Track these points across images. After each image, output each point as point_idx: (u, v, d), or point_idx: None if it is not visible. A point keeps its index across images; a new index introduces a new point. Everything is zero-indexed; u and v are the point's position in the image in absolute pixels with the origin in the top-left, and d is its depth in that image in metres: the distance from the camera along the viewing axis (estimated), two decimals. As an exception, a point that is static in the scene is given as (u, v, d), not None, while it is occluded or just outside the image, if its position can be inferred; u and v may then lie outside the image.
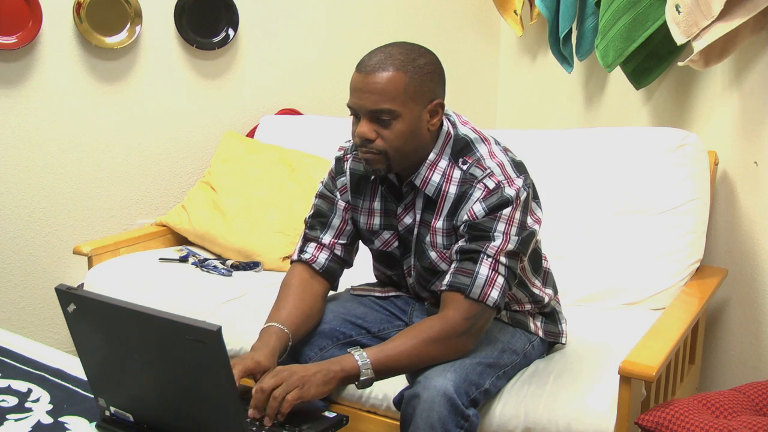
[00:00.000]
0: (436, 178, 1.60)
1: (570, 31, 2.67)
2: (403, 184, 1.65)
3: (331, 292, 1.80)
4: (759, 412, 1.59)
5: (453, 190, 1.59)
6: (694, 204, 2.11)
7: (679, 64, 2.10)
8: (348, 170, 1.73)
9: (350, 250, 1.77)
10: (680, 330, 1.76)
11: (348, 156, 1.74)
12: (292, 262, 1.77)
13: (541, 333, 1.77)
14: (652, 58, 2.40)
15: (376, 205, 1.70)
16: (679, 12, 1.99)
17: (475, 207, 1.54)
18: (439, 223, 1.61)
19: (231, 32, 2.83)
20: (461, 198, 1.58)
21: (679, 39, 2.02)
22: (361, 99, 1.52)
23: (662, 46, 2.34)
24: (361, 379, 1.47)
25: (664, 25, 2.11)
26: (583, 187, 2.24)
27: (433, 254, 1.64)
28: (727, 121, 2.25)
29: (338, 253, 1.74)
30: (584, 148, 2.29)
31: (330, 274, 1.74)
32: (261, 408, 1.39)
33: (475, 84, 3.26)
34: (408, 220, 1.67)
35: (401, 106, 1.50)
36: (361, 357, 1.47)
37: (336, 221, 1.74)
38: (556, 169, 2.28)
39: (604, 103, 2.81)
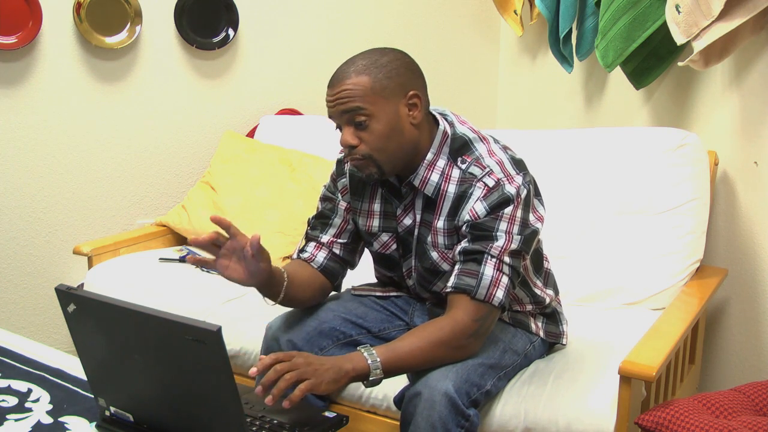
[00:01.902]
0: (434, 177, 1.60)
1: (570, 31, 2.67)
2: (403, 184, 1.65)
3: (333, 293, 1.80)
4: (759, 412, 1.59)
5: (452, 189, 1.59)
6: (694, 204, 2.11)
7: (679, 64, 2.10)
8: (348, 172, 1.74)
9: (352, 250, 1.77)
10: (680, 330, 1.76)
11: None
12: (291, 261, 1.77)
13: (542, 333, 1.77)
14: (652, 58, 2.40)
15: (376, 207, 1.70)
16: (679, 12, 1.99)
17: (477, 206, 1.54)
18: (440, 223, 1.61)
19: (231, 32, 2.83)
20: (461, 197, 1.58)
21: (679, 39, 2.02)
22: (333, 106, 1.54)
23: (662, 46, 2.34)
24: (371, 378, 1.47)
25: (664, 25, 2.11)
26: (583, 187, 2.24)
27: (434, 255, 1.64)
28: (727, 121, 2.25)
29: (337, 252, 1.74)
30: (584, 148, 2.29)
31: (329, 273, 1.74)
32: (270, 387, 1.38)
33: (475, 84, 3.26)
34: (408, 221, 1.66)
35: (371, 105, 1.51)
36: (371, 356, 1.47)
37: (337, 221, 1.75)
38: (556, 169, 2.28)
39: (604, 103, 2.81)
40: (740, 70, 2.19)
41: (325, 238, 1.74)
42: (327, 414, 1.45)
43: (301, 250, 1.75)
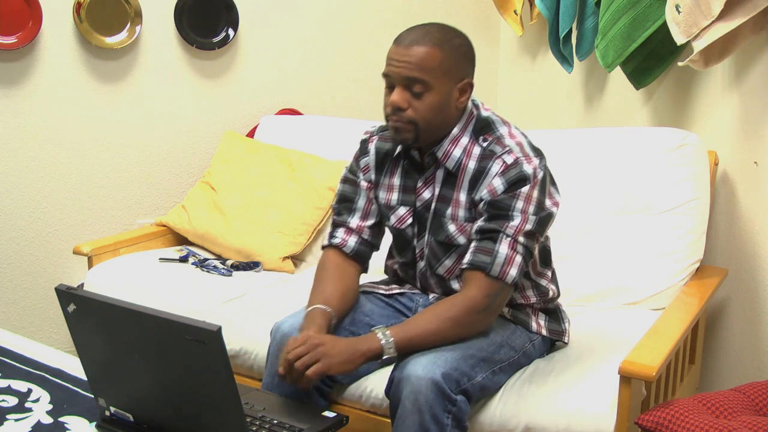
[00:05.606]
0: (457, 152, 1.65)
1: (570, 31, 2.67)
2: (425, 155, 1.69)
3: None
4: (759, 412, 1.59)
5: (472, 165, 1.64)
6: (694, 204, 2.11)
7: (679, 64, 2.10)
8: (373, 149, 1.79)
9: (377, 233, 1.82)
10: (680, 330, 1.76)
11: (373, 137, 1.81)
12: (323, 247, 1.82)
13: (544, 331, 1.78)
14: (652, 58, 2.40)
15: (396, 180, 1.75)
16: (679, 12, 1.99)
17: (495, 182, 1.60)
18: (462, 196, 1.65)
19: (231, 32, 2.83)
20: (480, 173, 1.63)
21: (679, 39, 2.02)
22: (398, 67, 1.59)
23: (662, 46, 2.34)
24: (384, 357, 1.54)
25: (664, 25, 2.11)
26: (583, 187, 2.24)
27: (452, 227, 1.67)
28: (727, 121, 2.25)
29: (366, 236, 1.79)
30: (584, 148, 2.29)
31: (360, 257, 1.79)
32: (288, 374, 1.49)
33: (476, 84, 3.25)
34: (427, 194, 1.70)
35: (434, 80, 1.58)
36: (384, 336, 1.53)
37: (361, 202, 1.79)
38: (556, 169, 2.27)
39: (604, 103, 2.81)
40: (740, 70, 2.19)
41: (354, 222, 1.79)
42: (327, 414, 1.45)
43: (332, 236, 1.80)
